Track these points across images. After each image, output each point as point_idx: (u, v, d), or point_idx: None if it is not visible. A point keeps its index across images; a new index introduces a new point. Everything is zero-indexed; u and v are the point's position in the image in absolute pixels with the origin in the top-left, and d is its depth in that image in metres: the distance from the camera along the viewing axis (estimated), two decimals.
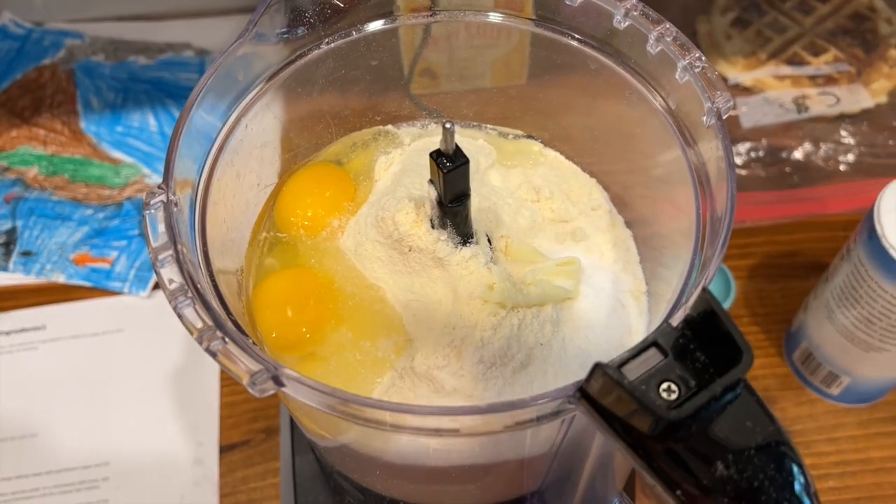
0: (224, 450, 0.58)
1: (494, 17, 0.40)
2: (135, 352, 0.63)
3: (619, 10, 0.35)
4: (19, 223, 0.69)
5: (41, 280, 0.66)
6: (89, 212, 0.70)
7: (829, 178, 0.71)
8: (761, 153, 0.72)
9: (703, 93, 0.32)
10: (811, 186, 0.70)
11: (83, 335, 0.64)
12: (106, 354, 0.63)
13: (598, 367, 0.23)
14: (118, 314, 0.65)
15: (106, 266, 0.67)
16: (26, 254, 0.68)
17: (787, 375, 0.61)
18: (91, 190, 0.72)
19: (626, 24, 0.35)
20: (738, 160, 0.72)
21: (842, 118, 0.74)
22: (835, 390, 0.58)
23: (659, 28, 0.34)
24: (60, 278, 0.66)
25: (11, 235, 0.69)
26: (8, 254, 0.68)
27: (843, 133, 0.73)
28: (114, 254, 0.67)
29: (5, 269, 0.67)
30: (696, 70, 0.33)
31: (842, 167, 0.71)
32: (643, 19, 0.35)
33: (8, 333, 0.64)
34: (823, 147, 0.72)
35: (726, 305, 0.63)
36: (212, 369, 0.62)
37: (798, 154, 0.72)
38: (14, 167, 0.73)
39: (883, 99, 0.75)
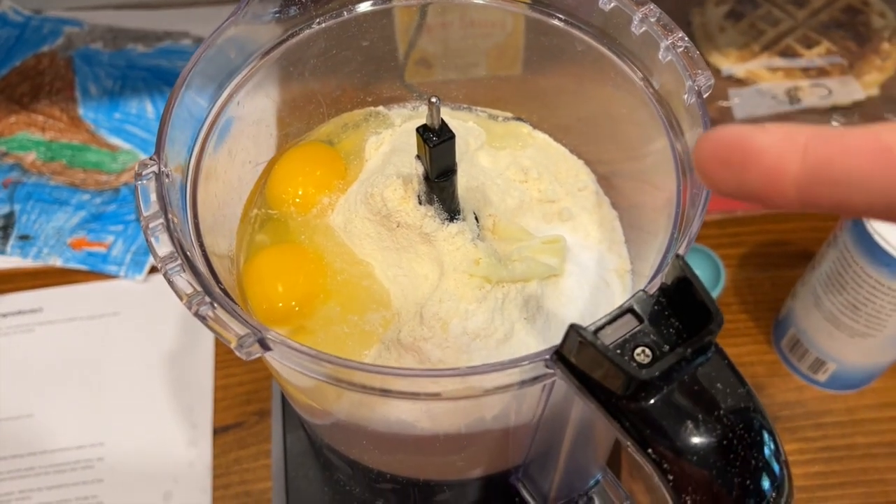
0: (217, 431, 0.59)
1: (486, 0, 0.40)
2: (130, 335, 0.64)
3: None
4: (17, 207, 0.70)
5: (38, 263, 0.67)
6: (86, 197, 0.71)
7: None
8: None
9: (685, 71, 0.33)
10: None
11: (79, 318, 0.65)
12: (102, 337, 0.64)
13: (572, 329, 0.24)
14: (114, 297, 0.66)
15: (102, 250, 0.67)
16: (24, 237, 0.68)
17: (775, 362, 0.62)
18: (88, 175, 0.73)
19: (612, 5, 0.36)
20: None
21: (833, 110, 0.74)
22: (822, 377, 0.59)
23: (643, 9, 0.35)
24: (57, 262, 0.67)
25: (9, 219, 0.69)
26: (6, 237, 0.68)
27: (835, 124, 0.73)
28: (110, 238, 0.68)
29: (3, 252, 0.67)
30: (679, 50, 0.33)
31: None
32: (628, 1, 0.35)
33: (5, 316, 0.65)
34: None
35: (716, 293, 0.64)
36: (206, 352, 0.62)
37: None
38: (12, 152, 0.74)
39: (874, 91, 0.75)
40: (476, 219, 0.38)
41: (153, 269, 0.67)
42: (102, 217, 0.69)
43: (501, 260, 0.36)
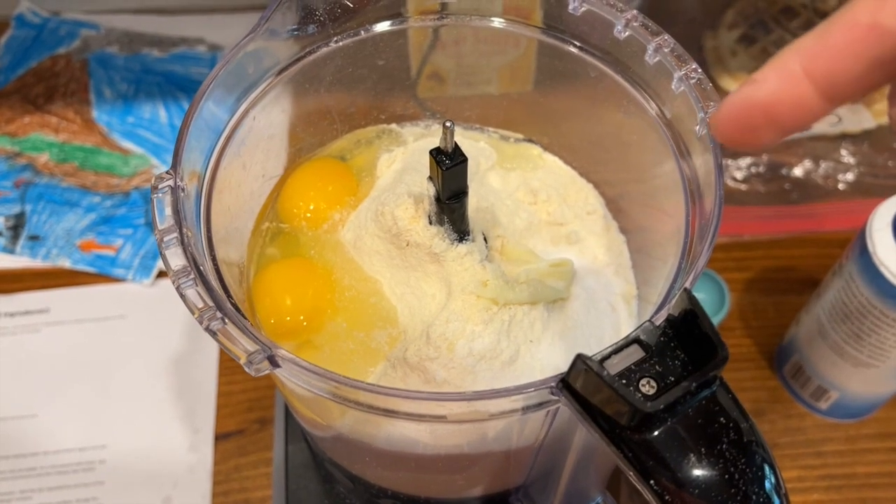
0: (219, 438, 0.59)
1: (501, 23, 0.41)
2: (136, 338, 0.64)
3: (619, 20, 0.36)
4: (28, 207, 0.71)
5: (47, 264, 0.68)
6: (97, 199, 0.72)
7: (828, 196, 0.72)
8: (762, 169, 0.73)
9: (697, 103, 0.33)
10: (809, 203, 0.71)
11: (86, 320, 0.65)
12: (107, 339, 0.64)
13: (579, 359, 0.24)
14: (121, 301, 0.66)
15: (111, 253, 0.68)
16: (33, 238, 0.69)
17: (778, 388, 0.62)
18: (100, 178, 0.73)
19: (627, 34, 0.36)
20: (739, 175, 0.73)
21: (843, 137, 0.74)
22: (823, 405, 0.59)
23: (657, 39, 0.35)
24: (66, 263, 0.67)
25: (20, 219, 0.70)
26: (16, 237, 0.69)
27: (844, 152, 0.74)
28: (119, 241, 0.69)
29: (12, 252, 0.68)
30: (692, 81, 0.34)
31: (840, 186, 0.72)
32: (643, 30, 0.36)
33: (12, 315, 0.65)
34: (823, 165, 0.73)
35: (720, 317, 0.64)
36: (210, 358, 0.63)
37: (798, 171, 0.73)
38: (26, 153, 0.75)
39: (884, 120, 0.75)
40: (485, 239, 0.39)
41: (160, 274, 0.67)
42: (112, 220, 0.70)
43: (509, 282, 0.36)
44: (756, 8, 0.82)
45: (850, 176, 0.72)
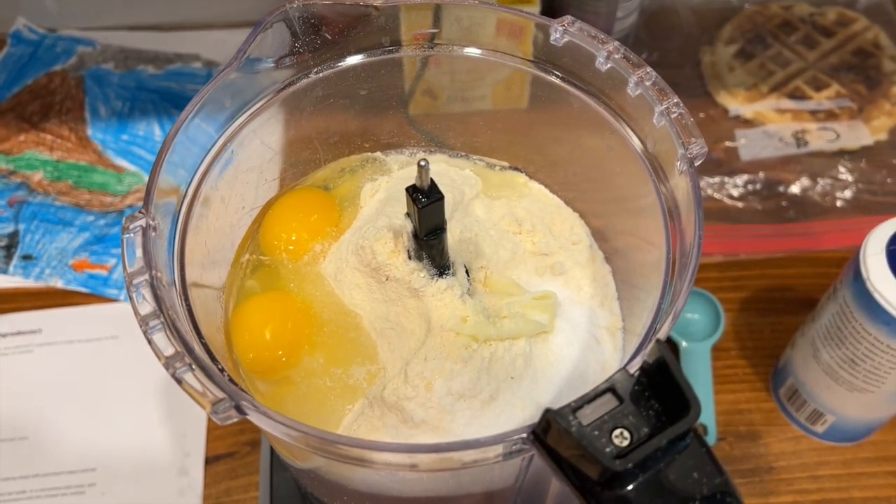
0: (209, 461, 0.59)
1: (486, 54, 0.40)
2: (128, 359, 0.64)
3: (601, 52, 0.36)
4: (21, 227, 0.71)
5: (40, 284, 0.67)
6: (91, 218, 0.71)
7: (826, 213, 0.71)
8: (759, 186, 0.72)
9: (678, 139, 0.33)
10: (806, 221, 0.70)
11: (78, 340, 0.65)
12: (99, 360, 0.64)
13: (547, 413, 0.24)
14: (113, 321, 0.66)
15: (104, 273, 0.68)
16: (27, 257, 0.69)
17: (773, 411, 0.61)
18: (94, 196, 0.73)
19: (608, 66, 0.36)
20: (735, 192, 0.72)
21: (841, 154, 0.74)
22: (820, 428, 0.58)
23: (639, 72, 0.34)
24: (59, 283, 0.67)
25: (13, 239, 0.70)
26: (9, 257, 0.69)
27: (842, 169, 0.73)
28: (112, 261, 0.68)
29: (5, 271, 0.68)
30: (673, 116, 0.33)
31: (838, 203, 0.71)
32: (624, 63, 0.35)
33: (4, 336, 0.65)
34: (821, 182, 0.72)
35: (715, 338, 0.63)
36: None
37: (795, 188, 0.72)
38: (20, 171, 0.74)
39: (883, 136, 0.75)
40: (467, 272, 0.38)
41: None
42: (105, 239, 0.70)
43: (490, 317, 0.36)
44: (754, 23, 0.82)
45: (847, 193, 0.72)
